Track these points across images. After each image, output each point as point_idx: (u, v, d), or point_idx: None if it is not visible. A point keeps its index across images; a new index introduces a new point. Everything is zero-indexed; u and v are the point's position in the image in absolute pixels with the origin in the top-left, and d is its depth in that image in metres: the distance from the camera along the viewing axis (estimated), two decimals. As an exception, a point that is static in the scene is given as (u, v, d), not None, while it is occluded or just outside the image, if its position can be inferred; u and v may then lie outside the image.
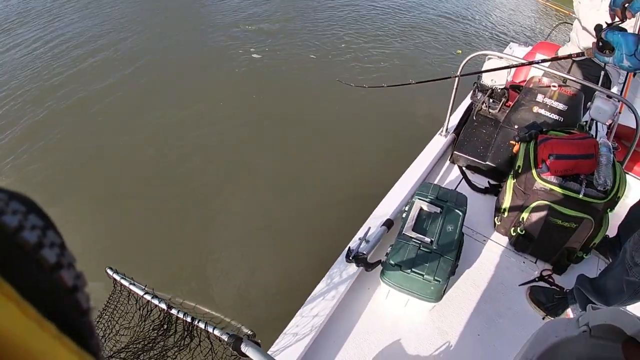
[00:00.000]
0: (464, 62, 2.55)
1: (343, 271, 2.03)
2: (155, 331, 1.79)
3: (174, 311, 1.61)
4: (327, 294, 1.93)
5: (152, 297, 1.68)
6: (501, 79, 2.83)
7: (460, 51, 6.83)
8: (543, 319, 2.08)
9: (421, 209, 2.01)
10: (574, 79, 2.50)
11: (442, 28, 7.81)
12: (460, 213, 1.99)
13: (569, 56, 2.02)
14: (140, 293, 1.71)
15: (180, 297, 2.72)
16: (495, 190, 2.69)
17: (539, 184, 2.15)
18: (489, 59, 2.88)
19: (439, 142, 2.93)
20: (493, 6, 9.42)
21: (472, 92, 3.11)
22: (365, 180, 3.88)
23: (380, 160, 4.14)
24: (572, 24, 3.95)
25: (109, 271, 2.06)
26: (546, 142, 2.20)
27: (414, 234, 1.88)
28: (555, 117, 2.70)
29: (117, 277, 1.90)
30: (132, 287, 1.76)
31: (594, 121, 2.72)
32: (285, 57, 6.21)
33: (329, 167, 4.16)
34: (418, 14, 8.33)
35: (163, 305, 1.64)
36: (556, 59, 2.13)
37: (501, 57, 2.74)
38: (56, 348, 0.23)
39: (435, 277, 1.76)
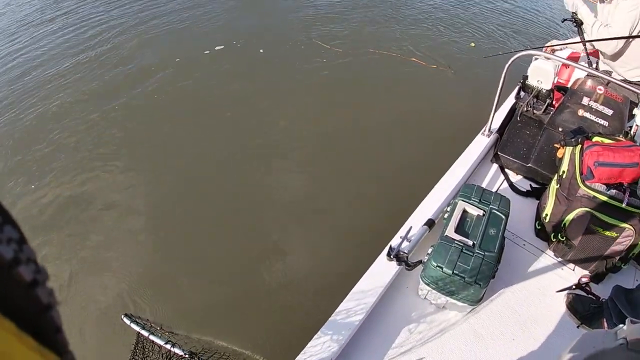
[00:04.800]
0: (510, 61, 2.67)
1: (384, 269, 2.18)
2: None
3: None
4: (368, 290, 2.09)
5: (173, 346, 1.85)
6: (548, 80, 2.95)
7: (473, 44, 7.03)
8: (577, 327, 2.22)
9: (464, 210, 2.15)
10: (619, 82, 2.62)
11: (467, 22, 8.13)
12: (503, 217, 2.14)
13: None
14: (161, 343, 1.87)
15: (200, 325, 2.95)
16: (537, 194, 2.82)
17: (583, 190, 2.28)
18: (536, 59, 2.99)
19: (481, 142, 3.06)
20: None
21: (516, 91, 3.23)
22: (406, 177, 4.05)
23: (422, 156, 4.31)
24: None
25: (125, 320, 2.21)
26: (592, 149, 2.33)
27: (456, 236, 2.02)
28: (600, 121, 2.82)
29: (137, 328, 2.06)
30: (152, 337, 1.93)
31: (639, 127, 2.85)
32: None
33: (369, 163, 4.34)
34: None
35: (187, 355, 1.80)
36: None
37: (548, 58, 2.85)
38: (15, 346, 0.24)
39: (477, 281, 1.91)
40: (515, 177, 2.98)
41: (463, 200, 2.18)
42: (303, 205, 3.94)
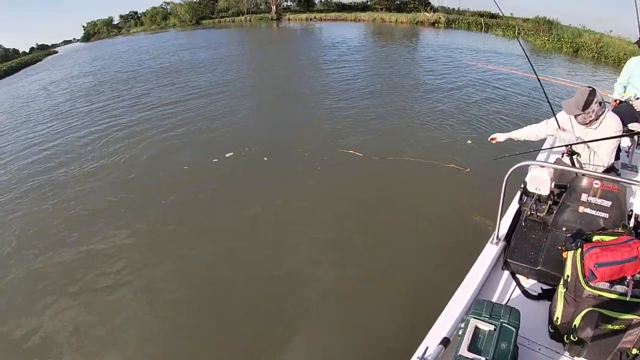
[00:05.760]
0: (508, 173, 2.94)
1: None
2: None
3: None
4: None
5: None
6: (545, 187, 3.20)
7: (470, 141, 7.47)
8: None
9: (476, 327, 2.35)
10: (612, 178, 2.86)
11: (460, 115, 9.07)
12: (514, 329, 2.33)
13: None
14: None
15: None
16: (549, 295, 3.00)
17: (588, 291, 2.46)
18: (531, 168, 3.25)
19: (491, 251, 3.28)
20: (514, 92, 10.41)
21: (519, 196, 3.49)
22: (421, 289, 4.24)
23: (436, 266, 4.53)
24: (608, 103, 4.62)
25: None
26: (591, 252, 2.52)
27: (470, 355, 2.21)
28: (601, 214, 3.03)
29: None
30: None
31: (638, 215, 3.04)
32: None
33: (385, 278, 4.54)
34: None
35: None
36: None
37: (543, 166, 3.12)
38: None
39: (493, 395, 2.09)
40: (526, 282, 3.15)
41: (475, 318, 2.38)
42: (313, 320, 4.11)
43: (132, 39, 56.02)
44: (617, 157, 4.46)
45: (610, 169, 3.68)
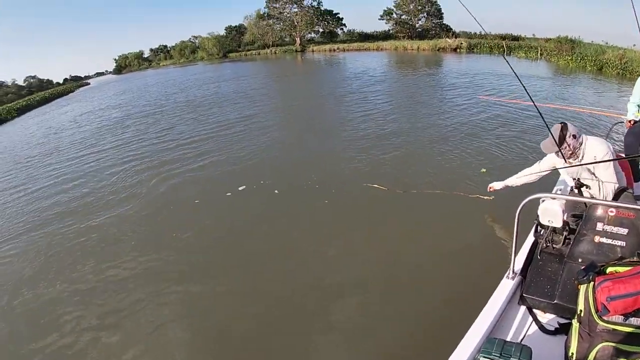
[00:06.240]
0: (520, 207, 2.90)
1: None
2: None
3: None
4: None
5: None
6: (557, 219, 3.15)
7: (484, 170, 7.41)
8: None
9: (485, 366, 2.30)
10: (626, 205, 2.80)
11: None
12: (524, 368, 2.27)
13: None
14: None
15: None
16: (565, 330, 2.89)
17: (602, 326, 2.39)
18: (543, 200, 3.20)
19: (506, 286, 3.20)
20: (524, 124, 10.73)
21: (534, 229, 3.44)
22: (433, 329, 4.08)
23: (454, 299, 4.39)
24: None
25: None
26: (603, 285, 2.44)
27: (478, 396, 2.16)
28: (617, 242, 2.95)
29: None
30: None
31: None
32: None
33: (398, 313, 4.41)
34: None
35: None
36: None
37: (554, 198, 3.07)
38: None
39: None
40: (543, 316, 3.07)
41: (484, 357, 2.32)
42: (323, 354, 4.02)
43: (161, 71, 57.64)
44: (637, 179, 4.36)
45: (622, 190, 3.62)
